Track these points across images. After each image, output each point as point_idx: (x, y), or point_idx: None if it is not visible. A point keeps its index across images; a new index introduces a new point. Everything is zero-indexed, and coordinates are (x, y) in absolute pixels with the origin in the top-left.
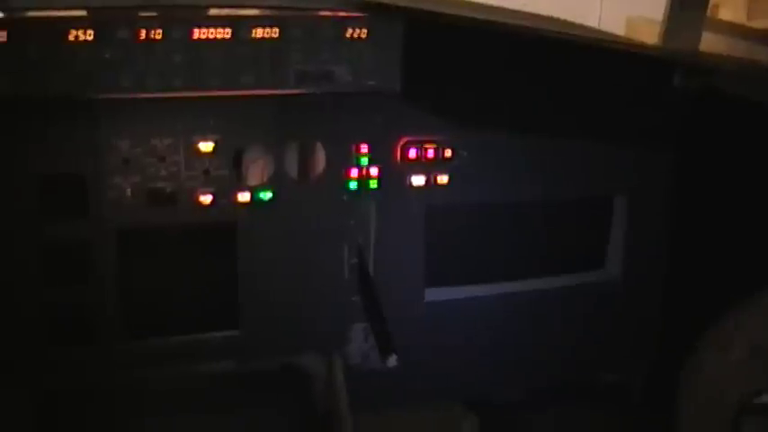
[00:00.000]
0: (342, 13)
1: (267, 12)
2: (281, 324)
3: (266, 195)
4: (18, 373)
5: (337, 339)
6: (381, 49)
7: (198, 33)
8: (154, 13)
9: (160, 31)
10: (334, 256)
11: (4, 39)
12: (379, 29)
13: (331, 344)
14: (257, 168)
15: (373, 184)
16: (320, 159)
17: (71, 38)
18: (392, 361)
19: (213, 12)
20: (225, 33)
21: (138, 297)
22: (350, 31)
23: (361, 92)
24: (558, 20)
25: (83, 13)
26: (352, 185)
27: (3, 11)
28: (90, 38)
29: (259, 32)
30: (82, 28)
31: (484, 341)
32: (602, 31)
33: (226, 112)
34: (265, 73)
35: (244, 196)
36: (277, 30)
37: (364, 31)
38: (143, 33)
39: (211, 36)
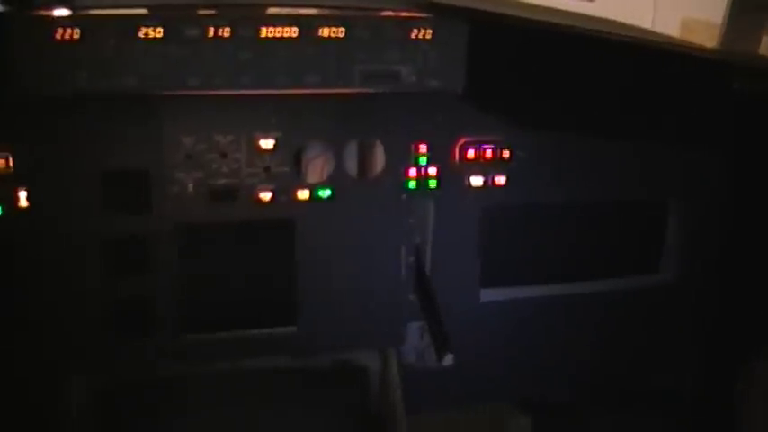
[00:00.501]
0: (407, 14)
1: (333, 11)
2: (337, 321)
3: (325, 193)
4: (79, 363)
5: (393, 337)
6: (446, 50)
7: (265, 32)
8: (223, 12)
9: (228, 29)
10: (392, 254)
11: (78, 36)
12: (443, 30)
13: (386, 342)
14: (317, 166)
15: (432, 183)
16: (379, 158)
17: (141, 35)
18: (448, 360)
19: (281, 10)
20: (292, 32)
21: (197, 292)
22: (415, 31)
23: (424, 92)
24: (613, 21)
25: (153, 11)
26: (411, 185)
27: (76, 9)
28: (160, 35)
29: (325, 32)
30: (152, 26)
31: (537, 342)
32: (660, 34)
33: (287, 109)
34: (331, 72)
35: (303, 194)
36: (343, 29)
37: (429, 31)
38: (212, 31)
39: (278, 35)
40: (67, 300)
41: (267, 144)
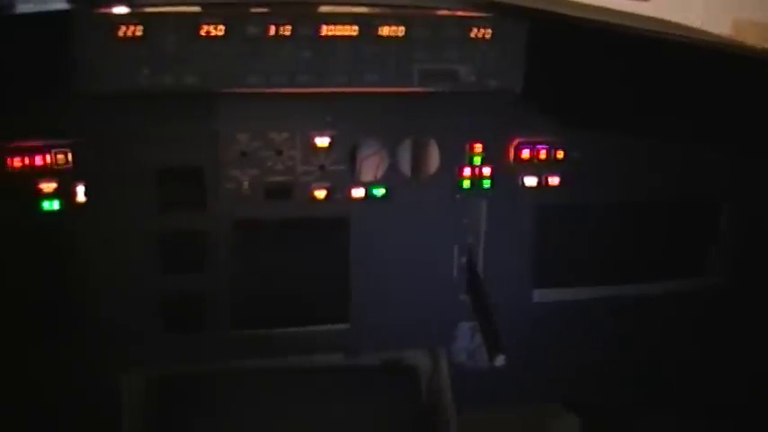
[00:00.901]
0: (467, 13)
1: (394, 10)
2: (389, 320)
3: (380, 192)
4: (135, 358)
5: (444, 337)
6: (505, 50)
7: (326, 30)
8: (283, 10)
9: (289, 27)
10: (445, 253)
11: (140, 34)
12: (503, 29)
13: (437, 341)
14: (371, 165)
15: (486, 183)
16: (434, 157)
17: (203, 33)
18: (500, 360)
19: (341, 9)
20: (352, 31)
21: (251, 288)
22: (474, 30)
23: (483, 92)
24: (668, 22)
25: (213, 9)
26: (465, 184)
27: (139, 6)
28: (221, 33)
29: (385, 30)
30: (213, 23)
31: (587, 343)
32: (717, 35)
33: (342, 108)
34: (390, 71)
35: (358, 192)
36: (403, 28)
37: (489, 31)
38: (272, 29)
39: (338, 33)
40: (123, 294)
41: (322, 142)
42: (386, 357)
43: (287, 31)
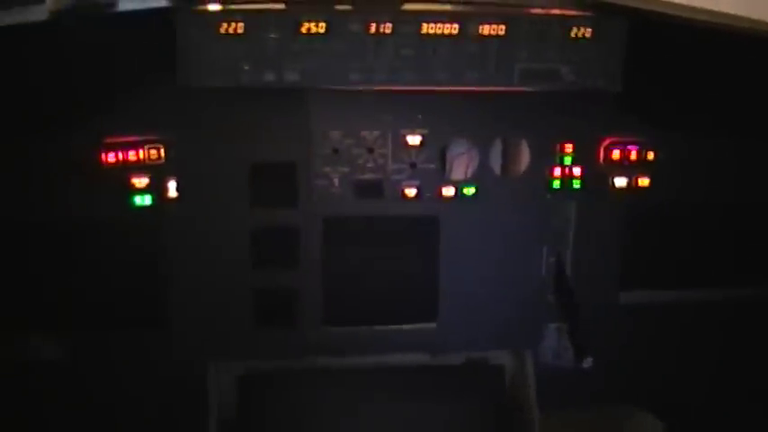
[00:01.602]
0: (567, 12)
1: (495, 9)
2: (476, 319)
3: (470, 191)
4: (224, 351)
5: (530, 337)
6: (605, 49)
7: (426, 28)
8: (385, 7)
9: (390, 25)
10: (533, 254)
11: (241, 31)
12: (604, 28)
13: (523, 341)
14: (461, 163)
15: (576, 183)
16: (524, 157)
17: (304, 30)
18: (588, 362)
19: (443, 7)
20: (453, 29)
21: (340, 285)
22: (575, 30)
23: (583, 91)
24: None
25: (316, 5)
26: (555, 184)
27: (240, 3)
28: (322, 30)
29: (486, 29)
30: (315, 20)
31: (672, 345)
32: None
33: (434, 106)
34: (490, 70)
35: (448, 190)
36: (504, 27)
37: (589, 30)
38: (374, 27)
39: (439, 31)
40: (213, 289)
41: (414, 140)
42: (471, 357)
43: (388, 29)
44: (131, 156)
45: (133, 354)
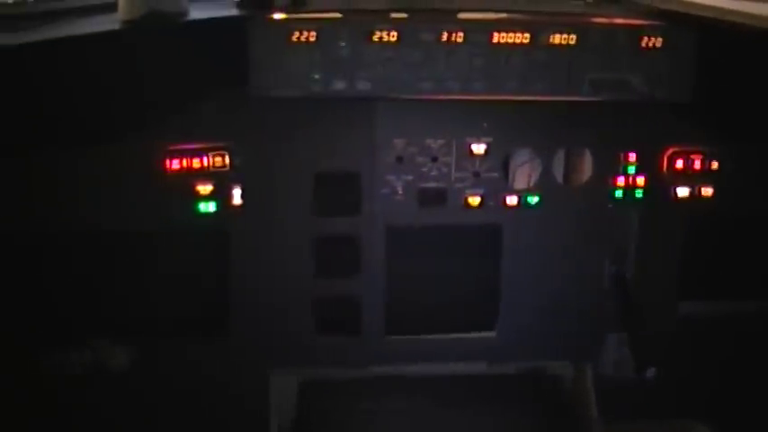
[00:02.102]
0: (638, 22)
1: (566, 18)
2: (536, 329)
3: (533, 199)
4: (288, 360)
5: (590, 347)
6: (676, 59)
7: (498, 37)
8: (457, 16)
9: (462, 34)
10: (594, 263)
11: (313, 39)
12: (674, 38)
13: (584, 351)
14: (524, 172)
15: (638, 193)
16: (587, 166)
17: (375, 38)
18: (651, 373)
19: (514, 16)
20: (524, 38)
21: (401, 293)
22: (645, 39)
23: (653, 101)
24: None
25: (388, 14)
26: (618, 194)
27: (313, 12)
28: (394, 39)
29: (557, 39)
30: (386, 29)
31: (731, 357)
32: None
33: (498, 115)
34: (560, 79)
35: (511, 199)
36: (575, 37)
37: (659, 40)
38: (445, 36)
39: (510, 40)
40: (276, 296)
41: (478, 149)
42: (530, 367)
43: (459, 38)
44: (196, 163)
45: (196, 361)
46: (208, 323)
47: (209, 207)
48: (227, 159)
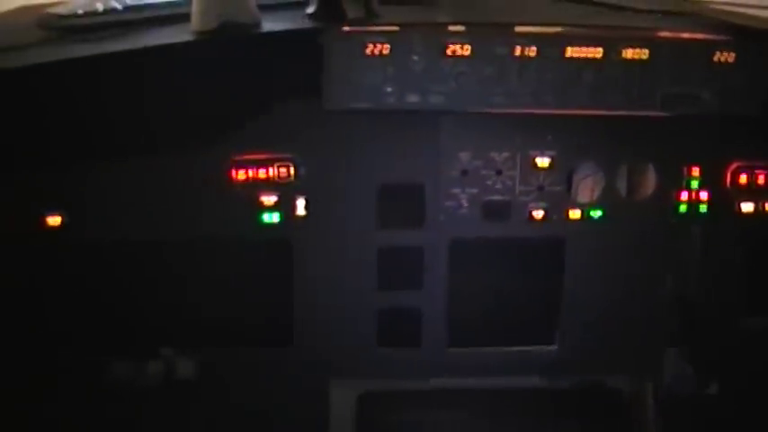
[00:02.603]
0: (710, 36)
1: (638, 33)
2: (597, 342)
3: (596, 213)
4: (348, 371)
5: (651, 362)
6: (748, 74)
7: (571, 51)
8: (530, 30)
9: (534, 48)
10: (656, 277)
11: (387, 52)
12: (747, 53)
13: (644, 366)
14: (587, 186)
15: (702, 208)
16: (650, 180)
17: (449, 52)
18: (713, 389)
19: (587, 31)
20: (596, 53)
21: (463, 306)
22: (718, 54)
23: (725, 116)
24: None
25: (462, 28)
26: (681, 208)
27: (386, 24)
28: (467, 53)
29: (629, 53)
30: (460, 42)
31: None
32: None
33: (563, 128)
34: (633, 94)
35: (575, 213)
36: (647, 51)
37: (732, 54)
38: (518, 50)
39: (583, 55)
40: (338, 306)
41: (543, 162)
42: (591, 381)
43: (532, 52)
44: (261, 173)
45: (258, 370)
46: (270, 333)
47: (273, 218)
48: (291, 170)
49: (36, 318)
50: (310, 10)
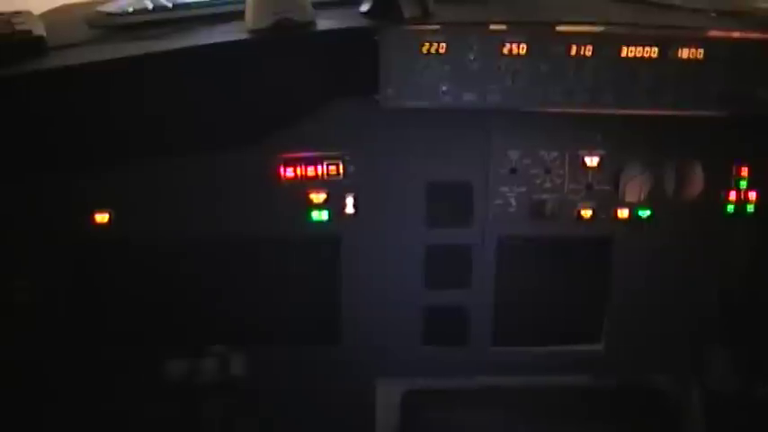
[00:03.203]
0: (765, 35)
1: (694, 32)
2: (643, 341)
3: (644, 213)
4: (394, 369)
5: (697, 362)
6: None
7: (626, 51)
8: (587, 29)
9: (591, 47)
10: (703, 277)
11: (443, 51)
12: None
13: (691, 366)
14: (635, 186)
15: (750, 208)
16: (698, 180)
17: (506, 51)
18: (760, 390)
19: (643, 31)
20: (652, 52)
21: (510, 304)
22: None
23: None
24: None
25: (517, 27)
26: (729, 208)
27: (442, 23)
28: (523, 52)
29: (685, 53)
30: (516, 41)
31: None
32: None
33: (611, 127)
34: (688, 94)
35: (623, 212)
36: (702, 51)
37: None
38: (574, 49)
39: (639, 54)
40: (386, 304)
41: (592, 162)
42: (636, 380)
43: (588, 51)
44: (310, 171)
45: (305, 368)
46: (319, 331)
47: (321, 215)
48: (341, 168)
49: (89, 315)
50: (365, 8)
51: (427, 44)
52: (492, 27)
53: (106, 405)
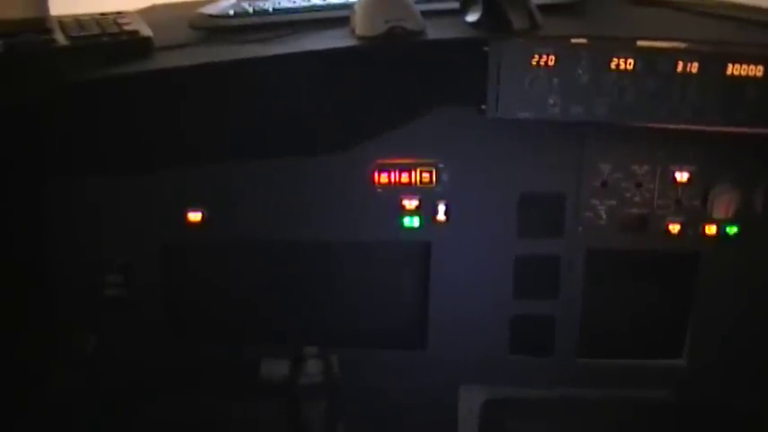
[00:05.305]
0: None
1: None
2: (727, 359)
3: (732, 230)
4: (478, 377)
5: None
6: None
7: (731, 69)
8: (693, 47)
9: (697, 64)
10: None
11: (552, 63)
12: None
13: None
14: (723, 202)
15: None
16: None
17: (613, 66)
18: None
19: (749, 49)
20: (758, 71)
21: (596, 317)
22: None
23: None
24: None
25: (626, 42)
26: None
27: (552, 38)
28: (631, 67)
29: None
30: (624, 57)
31: None
32: None
33: (702, 143)
34: None
35: (711, 229)
36: None
37: None
38: (680, 65)
39: (744, 72)
40: (473, 312)
41: (682, 177)
42: (718, 398)
43: (694, 68)
44: (404, 178)
45: (391, 373)
46: (407, 336)
47: (413, 222)
48: (434, 176)
49: (186, 315)
50: (472, 18)
51: (537, 56)
52: (601, 42)
53: (205, 404)
